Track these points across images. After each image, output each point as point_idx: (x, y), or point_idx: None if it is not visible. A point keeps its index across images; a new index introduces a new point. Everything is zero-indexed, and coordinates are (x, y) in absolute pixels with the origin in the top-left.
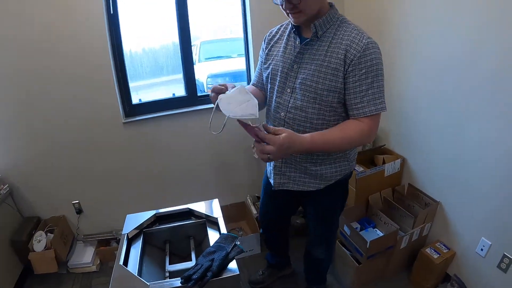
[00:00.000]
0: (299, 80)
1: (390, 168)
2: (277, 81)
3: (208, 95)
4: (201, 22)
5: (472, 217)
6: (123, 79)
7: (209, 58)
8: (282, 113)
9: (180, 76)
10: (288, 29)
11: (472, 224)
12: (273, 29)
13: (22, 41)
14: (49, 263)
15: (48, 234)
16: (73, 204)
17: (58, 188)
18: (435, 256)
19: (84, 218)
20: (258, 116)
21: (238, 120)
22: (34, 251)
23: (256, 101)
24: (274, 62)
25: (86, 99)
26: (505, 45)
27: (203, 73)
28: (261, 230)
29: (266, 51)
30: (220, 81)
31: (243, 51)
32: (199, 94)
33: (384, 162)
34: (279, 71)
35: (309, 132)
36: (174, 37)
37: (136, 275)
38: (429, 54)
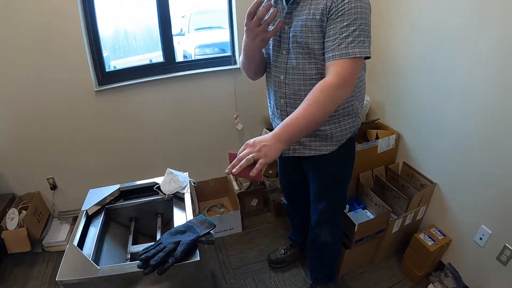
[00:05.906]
0: (291, 40)
1: (384, 144)
2: (271, 44)
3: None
4: None
5: (472, 202)
6: (95, 43)
7: (199, 29)
8: (281, 76)
9: None
10: None
11: (472, 210)
12: None
13: None
14: (22, 242)
15: (23, 211)
16: (47, 179)
17: (32, 163)
18: (430, 243)
19: (60, 194)
20: (183, 186)
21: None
22: (8, 229)
23: (177, 177)
24: None
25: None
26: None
27: (191, 44)
28: (283, 201)
29: None
30: (208, 51)
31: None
32: (177, 60)
33: (377, 137)
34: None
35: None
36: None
37: (89, 257)
38: (429, 25)
